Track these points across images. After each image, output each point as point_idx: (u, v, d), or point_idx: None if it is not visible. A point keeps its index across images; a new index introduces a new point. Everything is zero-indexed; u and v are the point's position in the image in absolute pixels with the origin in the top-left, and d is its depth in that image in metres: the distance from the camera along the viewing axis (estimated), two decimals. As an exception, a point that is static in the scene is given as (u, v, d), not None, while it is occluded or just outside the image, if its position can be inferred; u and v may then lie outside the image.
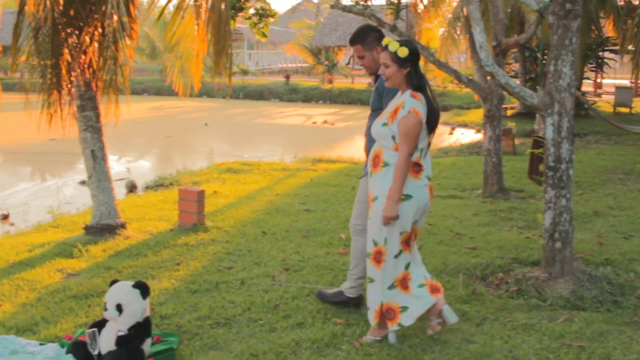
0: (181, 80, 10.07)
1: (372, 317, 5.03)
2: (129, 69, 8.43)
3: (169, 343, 4.97)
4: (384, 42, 4.94)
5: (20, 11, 7.90)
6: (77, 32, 7.75)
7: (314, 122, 26.71)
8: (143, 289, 4.73)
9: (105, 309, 4.68)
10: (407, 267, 4.99)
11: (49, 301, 6.04)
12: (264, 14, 13.93)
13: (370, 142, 5.41)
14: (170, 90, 38.94)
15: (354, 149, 19.06)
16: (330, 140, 21.79)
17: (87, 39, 7.75)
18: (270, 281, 6.43)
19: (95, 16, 7.72)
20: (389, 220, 4.76)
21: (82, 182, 14.23)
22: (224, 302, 5.83)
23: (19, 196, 13.38)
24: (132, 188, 13.21)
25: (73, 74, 7.94)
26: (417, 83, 4.88)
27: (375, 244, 4.90)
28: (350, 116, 30.61)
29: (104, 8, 7.77)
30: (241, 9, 13.35)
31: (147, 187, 13.44)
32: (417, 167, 4.86)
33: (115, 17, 7.96)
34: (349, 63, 47.99)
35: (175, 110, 32.24)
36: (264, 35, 14.11)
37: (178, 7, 8.76)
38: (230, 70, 8.58)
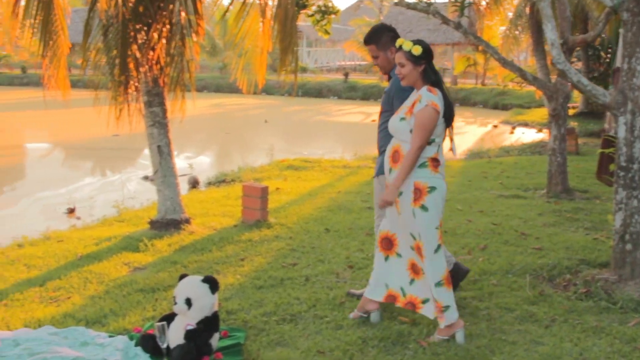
0: (245, 77, 10.10)
1: (432, 310, 5.11)
2: (194, 65, 8.50)
3: (236, 338, 5.00)
4: (398, 42, 5.06)
5: (91, 8, 8.02)
6: (145, 28, 7.83)
7: (373, 120, 26.53)
8: (212, 283, 4.76)
9: (175, 303, 4.73)
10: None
11: (116, 294, 6.12)
12: (326, 11, 13.88)
13: (382, 139, 5.58)
14: (229, 87, 39.43)
15: (414, 147, 18.90)
16: (390, 138, 21.67)
17: (155, 35, 7.82)
18: (335, 278, 6.42)
19: (164, 13, 7.80)
20: (386, 204, 4.99)
21: (145, 178, 14.42)
22: (289, 299, 5.84)
23: (85, 190, 13.59)
24: (194, 184, 13.32)
25: (141, 70, 8.02)
26: (434, 79, 5.03)
27: (414, 238, 5.02)
28: (409, 114, 30.35)
29: (171, 5, 7.85)
30: (304, 6, 13.33)
31: (209, 183, 13.55)
32: (435, 162, 4.98)
33: (182, 14, 8.04)
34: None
35: (234, 107, 32.49)
36: (326, 32, 14.07)
37: (243, 4, 8.80)
38: (296, 67, 8.59)
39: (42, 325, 5.37)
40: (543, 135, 20.34)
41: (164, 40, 7.93)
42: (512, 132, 23.17)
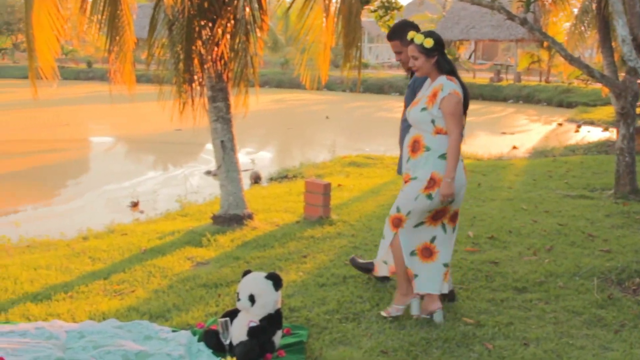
0: (308, 73, 10.08)
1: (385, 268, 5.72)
2: (258, 61, 8.50)
3: (298, 336, 4.96)
4: (409, 36, 5.21)
5: (157, 4, 8.08)
6: (210, 24, 7.85)
7: (435, 117, 26.41)
8: (276, 280, 4.74)
9: (238, 299, 4.71)
10: (432, 240, 5.30)
11: (180, 289, 6.14)
12: (390, 6, 13.77)
13: (404, 134, 5.62)
14: (290, 83, 39.53)
15: (477, 145, 18.74)
16: (452, 136, 21.44)
17: (220, 31, 7.84)
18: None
19: (228, 8, 7.82)
20: (447, 197, 5.05)
21: (208, 172, 14.51)
22: (352, 297, 5.79)
23: (148, 184, 13.74)
24: (256, 179, 13.36)
25: (205, 65, 8.06)
26: (449, 68, 5.21)
27: (398, 210, 5.24)
28: (471, 111, 29.61)
29: (236, 1, 7.86)
30: (367, 2, 13.25)
31: (271, 179, 13.58)
32: None
33: (247, 9, 8.05)
34: (470, 57, 47.32)
35: (295, 102, 32.57)
36: (389, 28, 13.97)
37: (307, 0, 8.77)
38: (360, 62, 8.54)
39: (107, 318, 5.41)
40: (609, 134, 19.89)
41: (228, 36, 7.95)
42: (577, 131, 22.77)
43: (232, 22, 7.93)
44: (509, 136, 21.63)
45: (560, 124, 24.98)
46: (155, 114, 8.46)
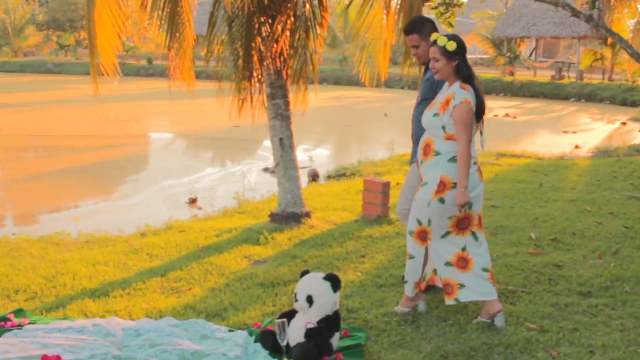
0: (368, 70, 9.97)
1: (411, 288, 5.34)
2: (318, 58, 8.43)
3: (357, 338, 4.87)
4: (433, 37, 5.16)
5: (217, 0, 8.06)
6: (270, 21, 7.81)
7: (495, 115, 26.02)
8: (334, 281, 4.64)
9: (296, 300, 4.63)
10: (463, 249, 5.20)
11: (236, 287, 6.10)
12: (451, 3, 13.58)
13: (418, 130, 5.73)
14: (349, 80, 39.47)
15: (538, 144, 18.41)
16: (512, 134, 21.11)
17: (279, 27, 7.79)
18: (459, 279, 6.20)
19: (289, 5, 7.76)
20: (463, 206, 4.99)
21: (265, 169, 14.50)
22: (411, 299, 5.68)
23: (206, 181, 13.78)
24: (314, 177, 13.29)
25: (264, 62, 8.01)
26: (467, 74, 5.14)
27: (420, 223, 5.17)
28: (532, 110, 29.58)
29: (296, -2, 7.81)
30: (428, -2, 13.08)
31: (329, 177, 13.50)
32: None
33: (307, 6, 7.98)
34: (531, 55, 46.61)
35: (353, 100, 32.47)
36: (450, 25, 13.74)
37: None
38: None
39: (163, 316, 5.39)
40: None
41: (287, 33, 7.89)
42: (642, 130, 22.25)
43: (292, 18, 7.88)
44: (570, 135, 21.20)
45: (624, 123, 24.43)
46: (214, 110, 8.47)
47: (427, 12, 14.54)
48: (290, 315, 4.74)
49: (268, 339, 4.69)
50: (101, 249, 7.76)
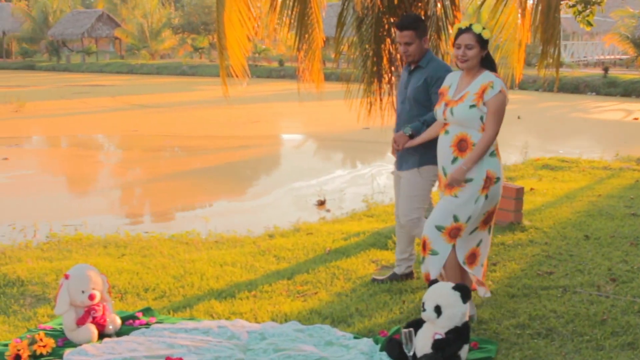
0: (501, 71, 9.66)
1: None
2: (450, 59, 8.22)
3: (487, 351, 4.66)
4: (463, 24, 5.03)
5: (346, 1, 7.99)
6: (400, 21, 7.65)
7: (635, 118, 24.88)
8: (464, 292, 4.45)
9: (424, 310, 4.47)
10: (478, 244, 5.22)
11: (363, 293, 5.98)
12: (589, 1, 13.05)
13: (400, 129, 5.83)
14: (481, 82, 38.61)
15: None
16: (654, 139, 20.17)
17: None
18: (596, 292, 5.87)
19: (419, 4, 7.59)
20: (455, 182, 4.98)
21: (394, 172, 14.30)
22: (545, 311, 5.41)
23: (335, 183, 13.72)
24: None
25: (395, 63, 7.87)
26: (494, 64, 5.18)
27: (456, 220, 5.04)
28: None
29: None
30: (565, -4, 12.59)
31: (462, 181, 13.20)
32: (498, 151, 5.14)
33: (439, 5, 7.79)
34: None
35: (486, 102, 31.77)
36: (589, 24, 13.22)
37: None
38: (558, 60, 8.05)
39: (288, 320, 5.34)
40: None
41: (418, 33, 7.71)
42: None
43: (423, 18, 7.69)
44: None
45: None
46: (344, 112, 8.41)
47: (565, 10, 14.07)
48: (417, 324, 4.59)
49: (394, 349, 4.55)
50: (229, 249, 7.80)
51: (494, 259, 6.84)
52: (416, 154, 5.79)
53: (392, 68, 7.98)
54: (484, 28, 4.99)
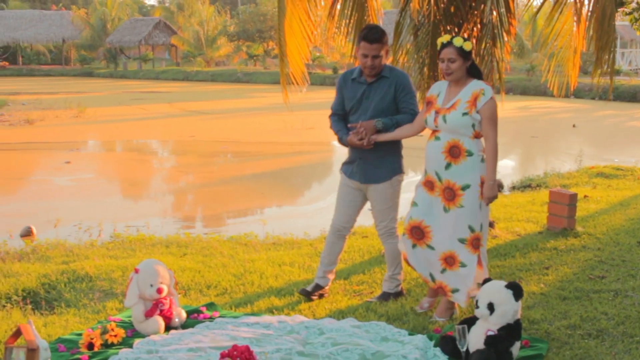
0: (556, 79, 9.75)
1: (464, 299, 5.35)
2: (504, 66, 8.34)
3: (538, 349, 4.80)
4: (445, 38, 5.22)
5: (403, 9, 8.15)
6: (456, 29, 7.80)
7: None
8: (516, 290, 4.61)
9: (477, 307, 4.64)
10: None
11: (417, 293, 6.16)
12: (647, 8, 13.00)
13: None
14: (536, 90, 38.46)
15: None
16: None
17: (466, 36, 7.76)
18: (647, 295, 5.97)
19: (475, 12, 7.72)
20: (492, 199, 5.20)
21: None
22: (596, 313, 5.52)
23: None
24: (498, 188, 13.05)
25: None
26: (480, 72, 5.36)
27: (472, 230, 5.20)
28: None
29: (483, 6, 7.75)
30: (622, 4, 12.60)
31: (514, 188, 13.27)
32: None
33: (494, 13, 7.92)
34: None
35: (540, 110, 31.61)
36: (646, 31, 13.19)
37: (557, 4, 8.48)
38: (612, 68, 8.13)
39: (345, 317, 5.52)
40: None
41: (474, 41, 7.85)
42: None
43: (479, 26, 7.83)
44: None
45: None
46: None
47: (621, 17, 14.04)
48: (471, 321, 4.75)
49: (448, 344, 4.72)
50: (287, 250, 8.02)
51: (546, 263, 6.96)
52: (384, 167, 5.85)
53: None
54: (465, 40, 5.17)
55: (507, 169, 16.47)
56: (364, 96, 5.80)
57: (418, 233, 5.43)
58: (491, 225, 8.25)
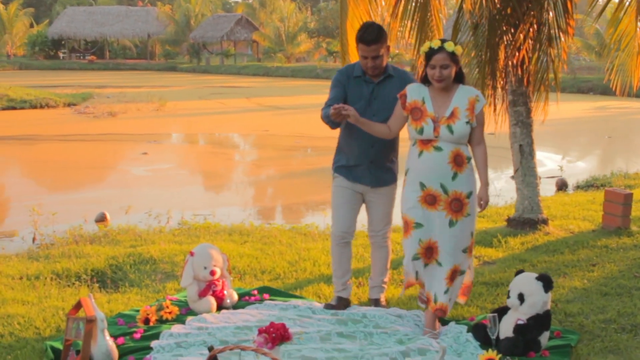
0: (619, 78, 9.79)
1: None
2: (562, 66, 8.43)
3: (567, 340, 4.99)
4: (435, 44, 4.94)
5: (460, 9, 8.33)
6: (512, 29, 7.94)
7: None
8: (546, 282, 4.81)
9: (508, 297, 4.86)
10: None
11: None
12: None
13: (363, 143, 5.63)
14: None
15: None
16: None
17: (522, 36, 7.90)
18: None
19: (532, 13, 7.83)
20: (487, 203, 5.19)
21: (513, 177, 14.44)
22: (634, 309, 5.64)
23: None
24: (562, 186, 13.09)
25: (506, 69, 8.16)
26: (464, 76, 5.17)
27: (472, 236, 5.19)
28: None
29: (539, 7, 7.87)
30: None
31: (578, 187, 13.25)
32: None
33: (551, 14, 8.02)
34: None
35: (619, 110, 31.06)
36: None
37: (620, 3, 8.56)
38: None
39: (390, 305, 5.78)
40: None
41: (530, 41, 7.97)
42: None
43: (535, 27, 7.94)
44: None
45: None
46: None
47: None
48: (503, 311, 4.98)
49: (480, 331, 4.95)
50: (342, 241, 8.28)
51: (594, 260, 7.07)
52: (391, 170, 5.73)
53: (506, 74, 8.26)
54: (455, 44, 4.94)
55: (576, 168, 16.39)
56: (373, 96, 5.54)
57: (430, 252, 5.13)
58: (545, 222, 8.37)
